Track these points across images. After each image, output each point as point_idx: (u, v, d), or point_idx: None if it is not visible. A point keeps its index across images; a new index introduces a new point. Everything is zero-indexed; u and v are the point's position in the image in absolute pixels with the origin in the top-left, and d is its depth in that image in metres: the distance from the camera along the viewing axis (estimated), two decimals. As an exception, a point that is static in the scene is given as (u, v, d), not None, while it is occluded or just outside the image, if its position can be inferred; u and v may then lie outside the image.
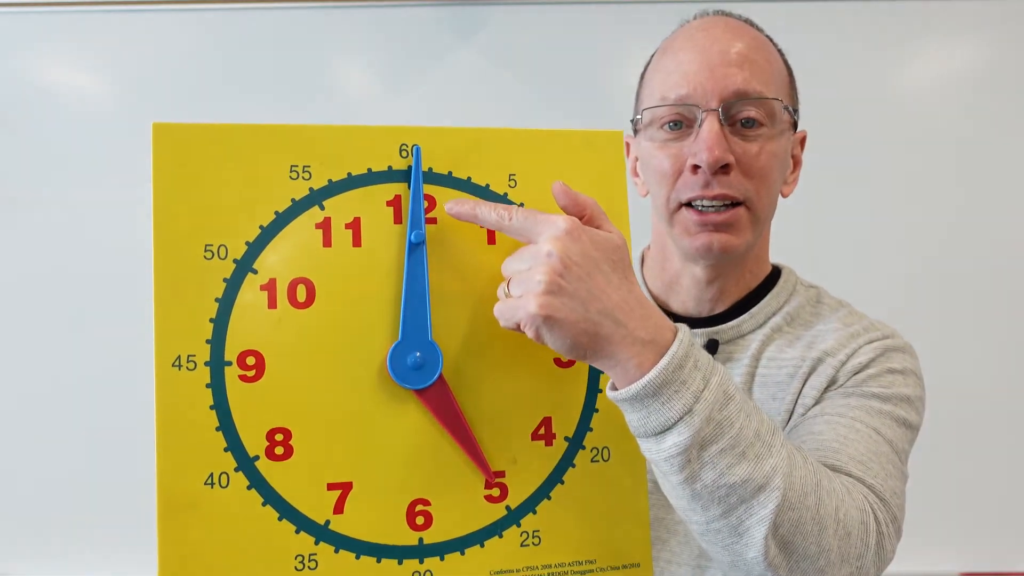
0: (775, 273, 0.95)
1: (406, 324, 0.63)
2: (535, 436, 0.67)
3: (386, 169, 0.65)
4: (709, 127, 0.81)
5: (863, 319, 0.90)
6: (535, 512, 0.66)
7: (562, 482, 0.67)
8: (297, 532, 0.61)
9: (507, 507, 0.65)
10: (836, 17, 2.13)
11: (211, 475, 0.60)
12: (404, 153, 0.66)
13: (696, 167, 0.82)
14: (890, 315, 0.94)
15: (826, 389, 0.84)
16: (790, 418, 0.85)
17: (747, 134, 0.82)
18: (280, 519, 0.61)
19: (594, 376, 0.68)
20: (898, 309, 2.06)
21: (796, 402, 0.85)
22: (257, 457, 0.61)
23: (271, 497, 0.61)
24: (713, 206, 0.83)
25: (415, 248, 0.64)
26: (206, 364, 0.61)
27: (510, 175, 0.68)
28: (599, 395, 0.68)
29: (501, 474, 0.65)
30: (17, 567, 2.16)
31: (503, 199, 0.67)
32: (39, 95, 2.17)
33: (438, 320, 0.65)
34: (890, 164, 2.16)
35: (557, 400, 0.67)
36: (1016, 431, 2.12)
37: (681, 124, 0.84)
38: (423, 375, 0.63)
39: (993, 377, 2.12)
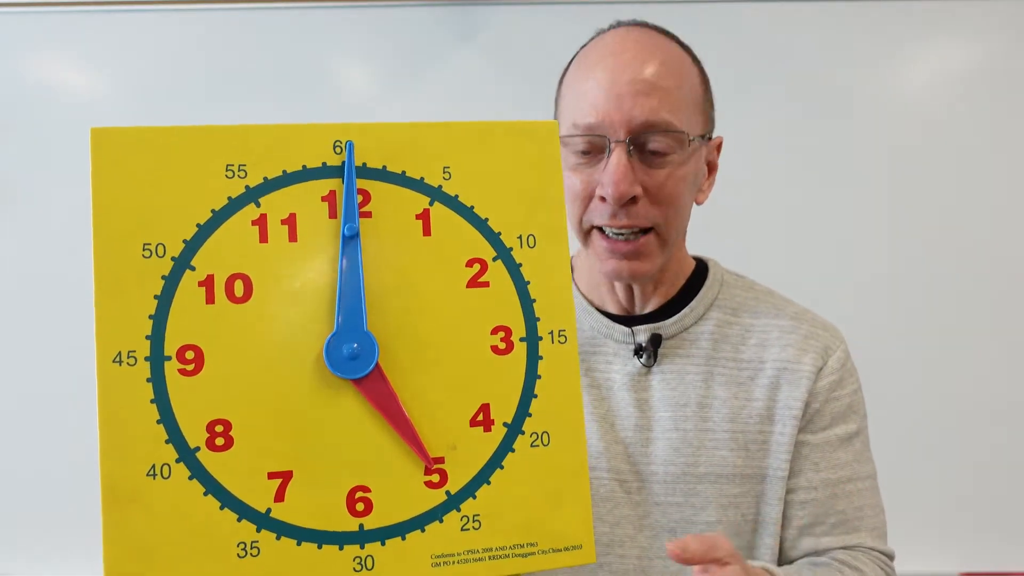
0: (702, 267, 1.00)
1: (341, 315, 0.65)
2: (473, 422, 0.68)
3: (320, 165, 0.67)
4: (616, 160, 0.83)
5: (803, 315, 0.96)
6: (475, 497, 0.67)
7: (502, 467, 0.68)
8: (239, 520, 0.63)
9: (447, 492, 0.67)
10: (836, 17, 2.14)
11: (153, 466, 0.62)
12: (338, 149, 0.67)
13: (604, 198, 0.85)
14: (889, 315, 1.01)
15: (808, 404, 0.91)
16: (771, 419, 0.92)
17: (655, 162, 0.84)
18: (222, 508, 0.63)
19: (532, 362, 0.69)
20: (897, 309, 2.06)
21: (773, 407, 0.92)
22: (198, 448, 0.63)
23: (212, 487, 0.63)
24: (622, 234, 0.86)
25: (349, 241, 0.66)
26: (146, 359, 0.62)
27: (444, 167, 0.69)
28: (538, 381, 0.69)
29: (440, 460, 0.67)
30: (17, 567, 2.22)
31: (438, 191, 0.69)
32: (39, 95, 2.22)
33: (374, 311, 0.66)
34: (889, 164, 2.16)
35: (495, 387, 0.69)
36: (1016, 431, 2.13)
37: (591, 151, 0.86)
38: (359, 365, 0.65)
39: (992, 378, 2.13)
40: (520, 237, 0.70)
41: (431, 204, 0.68)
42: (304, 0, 2.18)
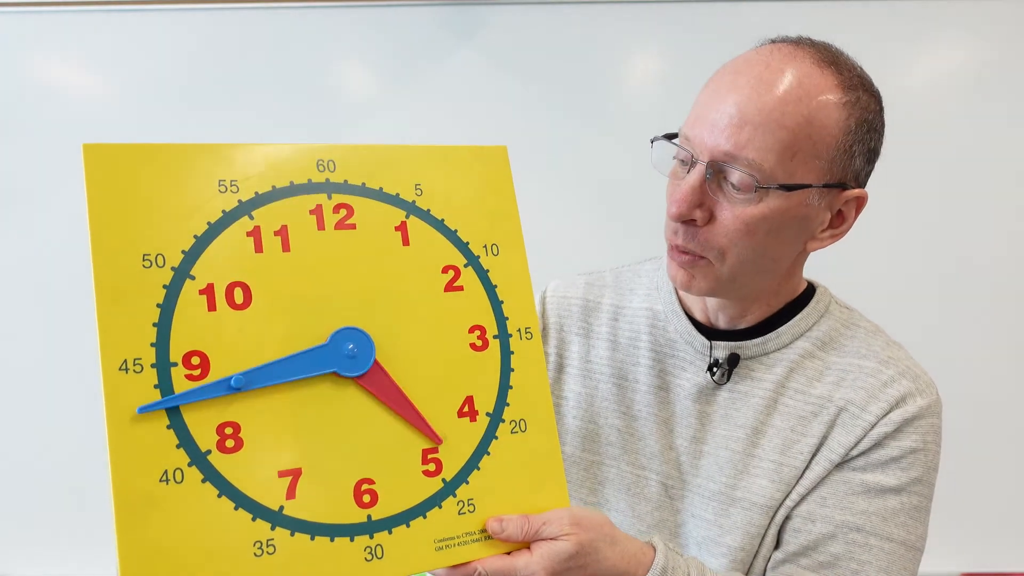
0: (809, 292, 0.95)
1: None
2: (460, 414, 0.73)
3: (306, 182, 0.72)
4: (689, 180, 0.81)
5: (897, 361, 0.90)
6: (468, 482, 0.72)
7: (488, 453, 0.74)
8: (253, 520, 0.64)
9: (443, 480, 0.72)
10: (836, 17, 2.13)
11: (165, 472, 0.62)
12: (321, 167, 0.72)
13: None
14: (888, 315, 0.97)
15: (852, 448, 0.86)
16: (812, 457, 0.87)
17: (731, 195, 0.80)
18: (236, 509, 0.63)
19: (505, 357, 0.76)
20: (896, 309, 1.97)
21: (821, 445, 0.87)
22: (209, 451, 0.63)
23: (225, 488, 0.63)
24: (684, 247, 0.84)
25: None
26: (152, 366, 0.63)
27: (416, 185, 0.76)
28: (511, 374, 0.76)
29: (435, 450, 0.72)
30: (17, 567, 2.17)
31: (412, 206, 0.75)
32: (39, 95, 2.15)
33: (365, 315, 0.71)
34: (889, 164, 2.26)
35: (476, 380, 0.75)
36: (1016, 432, 2.17)
37: (686, 160, 0.83)
38: (359, 363, 0.69)
39: (993, 378, 2.16)
40: (485, 246, 0.78)
41: (407, 217, 0.75)
42: (304, 0, 2.16)
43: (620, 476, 0.95)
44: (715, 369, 0.92)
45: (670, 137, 0.85)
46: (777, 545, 0.89)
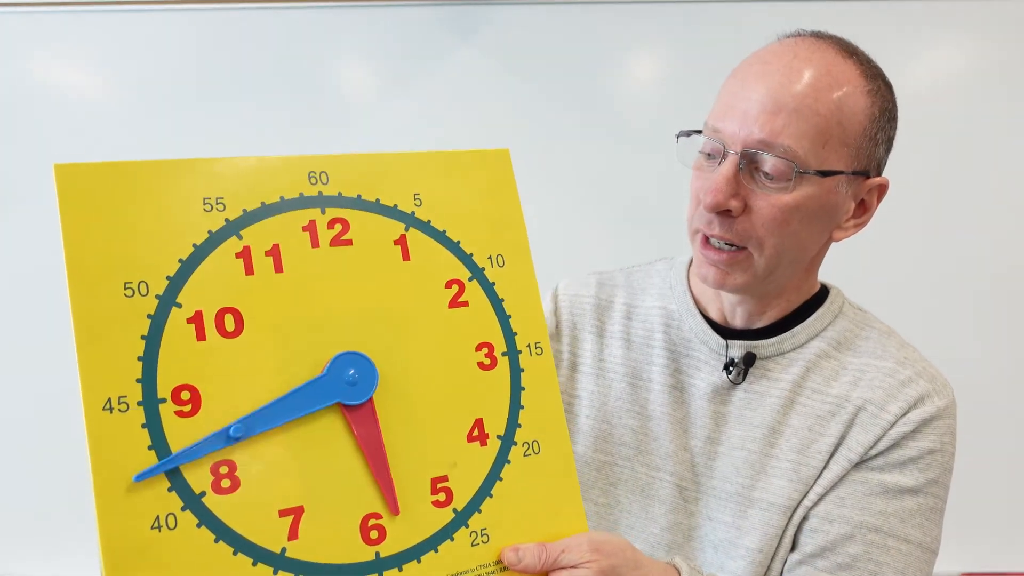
0: (823, 294, 0.95)
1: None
2: (470, 438, 0.69)
3: (298, 196, 0.67)
4: (722, 170, 0.80)
5: (913, 362, 0.89)
6: (480, 511, 0.68)
7: (500, 479, 0.70)
8: (255, 564, 0.59)
9: (454, 510, 0.67)
10: (836, 17, 2.03)
11: (157, 518, 0.57)
12: (313, 180, 0.68)
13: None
14: (889, 315, 0.97)
15: (871, 447, 0.85)
16: (830, 457, 0.86)
17: (764, 183, 0.80)
18: (235, 553, 0.59)
19: (515, 375, 0.72)
20: (897, 309, 2.04)
21: (839, 445, 0.86)
22: (204, 493, 0.59)
23: (223, 532, 0.59)
24: (718, 243, 0.84)
25: None
26: (139, 404, 0.58)
27: (415, 194, 0.71)
28: (522, 392, 0.72)
29: (444, 479, 0.67)
30: (18, 567, 2.17)
31: (411, 217, 0.71)
32: (39, 95, 2.16)
33: (365, 338, 0.66)
34: (888, 164, 2.24)
35: (485, 402, 0.70)
36: (1016, 431, 2.17)
37: (714, 154, 0.83)
38: (358, 391, 0.65)
39: (993, 377, 2.16)
40: (490, 257, 0.73)
41: (407, 230, 0.70)
42: (304, 0, 2.15)
43: (633, 477, 0.93)
44: (731, 368, 0.90)
45: (698, 132, 0.84)
46: (793, 547, 0.87)
